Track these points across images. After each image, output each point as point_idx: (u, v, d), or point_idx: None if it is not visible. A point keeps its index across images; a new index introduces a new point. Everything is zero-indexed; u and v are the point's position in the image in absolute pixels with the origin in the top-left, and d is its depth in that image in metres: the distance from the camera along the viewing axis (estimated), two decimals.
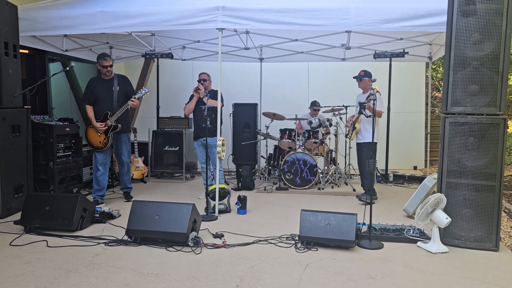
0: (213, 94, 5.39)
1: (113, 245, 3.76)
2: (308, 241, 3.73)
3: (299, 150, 6.51)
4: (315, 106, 7.24)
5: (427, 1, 4.58)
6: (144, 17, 4.88)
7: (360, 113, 5.10)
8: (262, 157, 7.54)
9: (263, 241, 3.90)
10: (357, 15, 4.60)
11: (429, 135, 7.94)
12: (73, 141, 5.90)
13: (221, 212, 4.88)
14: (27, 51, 6.28)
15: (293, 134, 6.81)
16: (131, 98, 5.21)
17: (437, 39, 6.63)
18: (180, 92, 8.34)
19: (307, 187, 6.42)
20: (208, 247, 3.71)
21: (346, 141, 6.98)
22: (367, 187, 5.47)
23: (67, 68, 5.42)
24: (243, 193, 5.58)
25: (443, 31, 4.09)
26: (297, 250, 3.67)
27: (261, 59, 8.05)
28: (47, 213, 4.13)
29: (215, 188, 4.85)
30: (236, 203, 4.96)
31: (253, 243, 3.84)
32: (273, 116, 6.93)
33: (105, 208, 4.65)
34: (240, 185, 6.51)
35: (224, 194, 4.98)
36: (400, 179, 7.21)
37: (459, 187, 3.72)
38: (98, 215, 4.46)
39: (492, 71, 3.59)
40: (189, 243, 3.66)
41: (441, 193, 3.75)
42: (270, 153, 7.31)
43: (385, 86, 6.97)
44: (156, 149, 7.42)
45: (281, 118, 6.94)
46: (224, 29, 4.79)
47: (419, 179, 6.88)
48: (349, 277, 3.09)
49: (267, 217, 4.81)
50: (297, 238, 3.86)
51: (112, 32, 5.84)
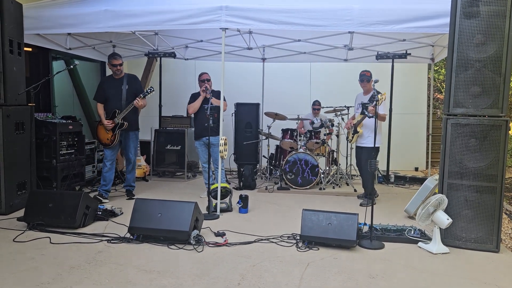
0: (215, 94, 5.42)
1: (116, 242, 3.78)
2: (309, 241, 3.75)
3: (301, 150, 6.53)
4: (315, 105, 7.26)
5: (430, 3, 4.59)
6: (147, 16, 4.91)
7: (362, 113, 5.10)
8: (263, 156, 7.55)
9: (265, 240, 3.92)
10: (360, 16, 4.61)
11: (430, 137, 7.95)
12: (76, 139, 5.93)
13: (222, 211, 4.90)
14: (31, 49, 6.32)
15: (295, 134, 6.82)
16: (137, 97, 5.30)
17: (440, 41, 6.65)
18: (182, 91, 8.36)
19: (308, 187, 6.44)
20: (210, 245, 3.73)
21: (347, 142, 6.99)
22: (369, 189, 5.45)
23: (71, 66, 5.48)
24: (244, 192, 5.60)
25: (445, 33, 4.10)
26: (298, 249, 3.69)
27: (264, 59, 8.07)
28: (50, 210, 4.15)
29: (217, 187, 4.87)
30: (237, 202, 4.98)
31: (254, 242, 3.86)
32: (275, 116, 6.94)
33: (107, 205, 4.67)
34: (241, 184, 6.53)
35: (226, 193, 5.00)
36: (401, 180, 7.22)
37: (460, 188, 3.73)
38: (100, 213, 4.49)
39: (494, 73, 3.61)
40: (191, 241, 3.68)
41: (442, 194, 3.77)
42: (271, 153, 7.33)
43: (387, 87, 6.98)
44: (158, 148, 7.44)
45: (283, 118, 6.96)
46: (227, 29, 4.81)
47: (420, 180, 6.89)
48: (350, 277, 3.11)
49: (268, 216, 4.83)
50: (298, 237, 3.88)
51: (116, 31, 5.87)
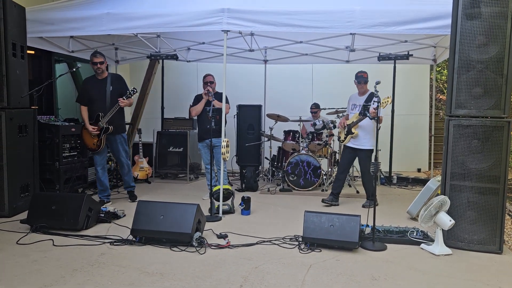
0: (218, 96, 5.42)
1: (118, 244, 3.79)
2: (311, 242, 3.75)
3: (303, 151, 6.53)
4: (312, 108, 7.28)
5: (432, 4, 4.59)
6: (149, 19, 4.92)
7: (364, 115, 5.09)
8: (266, 158, 7.55)
9: (267, 241, 3.92)
10: (362, 18, 4.61)
11: (433, 138, 7.94)
12: (78, 141, 5.95)
13: (225, 212, 4.90)
14: (33, 52, 6.34)
15: (297, 135, 6.82)
16: (120, 99, 5.12)
17: (442, 42, 6.64)
18: (184, 93, 8.38)
19: (310, 188, 6.44)
20: (212, 247, 3.73)
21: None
22: (370, 192, 5.41)
23: (73, 69, 5.48)
24: (247, 194, 5.60)
25: (447, 34, 4.10)
26: (300, 251, 3.69)
27: (266, 61, 8.08)
28: (53, 212, 4.17)
29: (219, 189, 4.88)
30: (240, 204, 4.98)
31: (257, 243, 3.87)
32: (277, 117, 6.95)
33: (110, 208, 4.69)
34: (244, 186, 6.53)
35: (228, 195, 5.01)
36: (403, 181, 7.21)
37: (463, 189, 3.72)
38: (103, 215, 4.50)
39: (496, 74, 3.60)
40: (194, 243, 3.68)
41: (444, 195, 3.76)
42: (274, 155, 7.33)
43: (389, 88, 6.98)
44: (160, 149, 7.46)
45: (285, 119, 6.96)
46: (229, 31, 4.82)
47: (423, 182, 6.88)
48: (352, 278, 3.11)
49: (270, 218, 4.83)
50: (300, 239, 3.88)
51: (118, 33, 5.88)
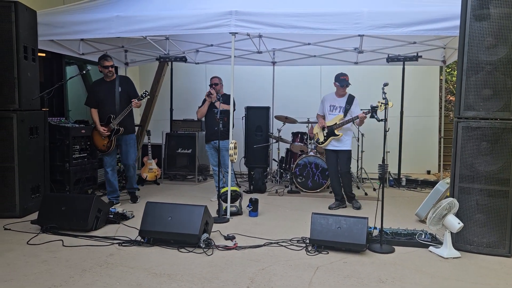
0: (225, 98, 5.43)
1: (127, 245, 3.82)
2: (319, 244, 3.74)
3: (311, 153, 6.52)
4: None
5: (440, 5, 4.56)
6: (158, 21, 4.97)
7: (372, 117, 5.05)
8: (274, 160, 7.56)
9: (274, 243, 3.92)
10: (370, 19, 4.61)
11: (443, 139, 7.87)
12: (88, 143, 6.01)
13: (232, 214, 4.92)
14: (44, 55, 6.43)
15: (305, 137, 6.82)
16: (134, 100, 5.18)
17: (451, 43, 6.59)
18: (193, 95, 8.42)
19: (318, 190, 6.43)
20: (219, 248, 3.75)
21: (358, 145, 6.96)
22: (351, 193, 5.50)
23: (83, 71, 5.54)
24: (254, 195, 5.61)
25: (456, 35, 4.07)
26: (308, 253, 3.69)
27: (274, 63, 8.09)
28: (63, 213, 4.22)
29: (227, 190, 4.89)
30: (247, 206, 4.99)
31: (264, 245, 3.87)
32: (285, 119, 6.95)
33: (119, 209, 4.73)
34: (252, 187, 6.54)
35: (236, 196, 5.02)
36: (413, 183, 7.16)
37: (471, 192, 3.69)
38: (112, 216, 4.54)
39: (505, 75, 3.57)
40: (201, 245, 3.70)
41: (453, 197, 3.74)
42: (282, 156, 7.33)
43: (398, 90, 6.95)
44: (169, 151, 7.50)
45: (293, 121, 6.96)
46: (237, 33, 4.84)
47: (432, 184, 6.81)
48: (360, 281, 3.10)
49: (278, 220, 4.84)
50: (308, 241, 3.88)
51: (127, 36, 5.94)
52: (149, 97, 5.30)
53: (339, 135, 5.31)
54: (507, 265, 3.48)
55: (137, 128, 7.97)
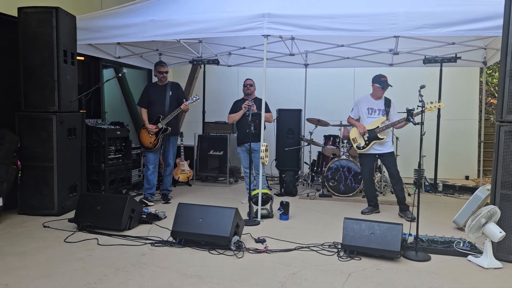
0: (258, 102, 5.42)
1: (159, 245, 3.88)
2: (351, 250, 3.67)
3: (343, 157, 6.42)
4: None
5: (481, 4, 4.39)
6: (192, 25, 5.03)
7: (407, 120, 4.91)
8: (305, 163, 7.49)
9: (305, 247, 3.87)
10: (406, 20, 4.48)
11: (482, 144, 7.56)
12: (123, 144, 6.16)
13: (263, 217, 4.90)
14: (83, 58, 6.64)
15: (338, 140, 6.72)
16: (184, 102, 5.50)
17: (493, 43, 6.33)
18: (225, 97, 8.47)
19: (351, 194, 6.31)
20: (250, 251, 3.74)
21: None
22: (403, 199, 5.16)
23: (119, 74, 5.70)
24: (285, 199, 5.56)
25: (499, 35, 3.90)
26: (339, 258, 3.62)
27: (306, 65, 8.03)
28: (98, 212, 4.33)
29: (258, 193, 4.88)
30: (278, 209, 4.96)
31: (295, 249, 3.83)
32: (317, 122, 6.87)
33: (152, 209, 4.81)
34: (282, 190, 6.51)
35: (267, 199, 5.00)
36: (450, 189, 6.91)
37: None
38: (145, 216, 4.62)
39: None
40: (232, 247, 3.70)
41: (494, 205, 3.57)
42: (313, 159, 7.25)
43: (435, 92, 6.73)
44: (201, 153, 7.58)
45: (326, 124, 6.88)
46: (269, 35, 4.83)
47: (470, 190, 6.57)
48: None
49: (309, 224, 4.78)
50: (339, 246, 3.80)
51: (161, 39, 6.05)
52: (198, 99, 5.51)
53: (383, 138, 5.10)
54: None
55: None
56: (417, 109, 4.08)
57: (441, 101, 4.20)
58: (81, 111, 5.31)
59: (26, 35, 4.92)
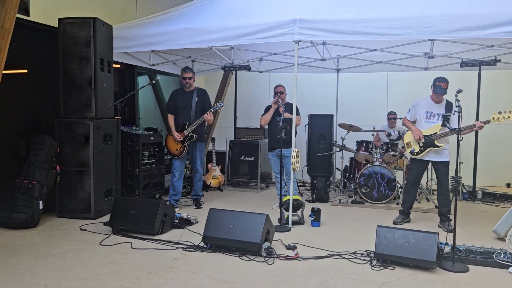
0: (289, 107, 5.41)
1: (190, 250, 3.92)
2: (384, 259, 3.58)
3: (377, 163, 6.29)
4: (390, 114, 6.99)
5: None
6: (223, 32, 5.09)
7: (443, 125, 4.75)
8: (337, 169, 7.39)
9: (337, 255, 3.81)
10: (441, 23, 4.35)
11: None
12: (156, 149, 6.29)
13: (294, 223, 4.86)
14: (118, 66, 6.85)
15: (370, 146, 6.60)
16: (206, 112, 5.50)
17: None
18: (256, 103, 8.50)
19: (384, 201, 6.17)
20: (280, 258, 3.71)
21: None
22: (446, 212, 4.87)
23: (153, 81, 5.83)
24: (317, 205, 5.51)
25: None
26: (372, 267, 3.54)
27: (338, 70, 7.94)
28: (132, 216, 4.43)
29: (289, 199, 4.85)
30: (310, 215, 4.92)
31: (326, 257, 3.78)
32: (350, 127, 6.78)
33: (184, 214, 4.87)
34: (314, 197, 6.44)
35: (298, 205, 4.96)
36: (490, 197, 6.65)
37: None
38: (177, 221, 4.68)
39: None
40: (262, 253, 3.69)
41: None
42: (345, 165, 7.15)
43: (473, 96, 6.50)
44: (232, 158, 7.63)
45: (358, 129, 6.77)
46: (300, 41, 4.82)
47: None
48: None
49: (341, 231, 4.71)
50: (372, 254, 3.72)
51: (194, 47, 6.15)
52: (223, 107, 5.55)
53: (440, 146, 4.73)
54: None
55: None
56: (454, 114, 3.94)
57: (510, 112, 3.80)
58: (117, 117, 5.46)
59: (65, 45, 5.13)
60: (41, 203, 4.72)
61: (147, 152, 6.09)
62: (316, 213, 4.89)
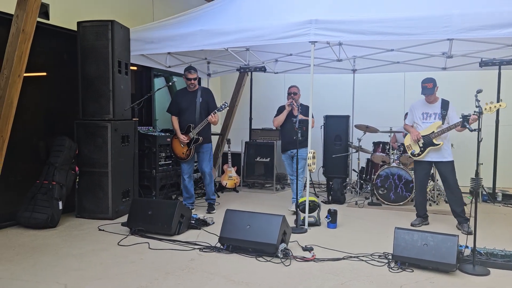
0: (304, 108, 5.37)
1: (207, 251, 3.94)
2: (402, 261, 3.53)
3: (394, 164, 6.22)
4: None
5: None
6: (239, 33, 5.10)
7: (463, 126, 4.67)
8: (353, 170, 7.34)
9: (354, 257, 3.78)
10: (460, 22, 4.28)
11: None
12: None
13: (310, 225, 4.84)
14: (135, 68, 6.93)
15: (387, 147, 6.53)
16: (211, 113, 5.36)
17: None
18: (272, 104, 8.44)
19: (402, 203, 6.09)
20: (297, 259, 3.70)
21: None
22: (461, 213, 4.79)
23: (170, 83, 5.87)
24: (333, 206, 5.48)
25: None
26: (390, 269, 3.50)
27: (354, 70, 7.88)
28: (149, 217, 4.47)
29: (305, 200, 4.83)
30: (326, 217, 4.89)
31: (343, 258, 3.75)
32: (366, 128, 6.72)
33: (200, 215, 4.89)
34: (330, 198, 6.41)
35: (314, 207, 4.94)
36: (510, 198, 6.49)
37: None
38: (194, 222, 4.71)
39: None
40: (279, 255, 3.69)
41: None
42: (362, 167, 7.09)
43: (493, 96, 6.37)
44: (248, 159, 7.64)
45: (375, 130, 6.70)
46: (316, 42, 4.80)
47: None
48: None
49: (358, 233, 4.67)
50: (390, 257, 3.68)
51: (210, 48, 6.18)
52: (228, 108, 5.47)
53: (439, 144, 4.75)
54: None
55: (218, 136, 8.25)
56: (474, 114, 3.88)
57: (502, 101, 3.89)
58: (134, 119, 5.52)
59: (84, 47, 5.21)
60: (60, 203, 4.81)
61: (164, 153, 6.14)
62: (332, 215, 4.86)
